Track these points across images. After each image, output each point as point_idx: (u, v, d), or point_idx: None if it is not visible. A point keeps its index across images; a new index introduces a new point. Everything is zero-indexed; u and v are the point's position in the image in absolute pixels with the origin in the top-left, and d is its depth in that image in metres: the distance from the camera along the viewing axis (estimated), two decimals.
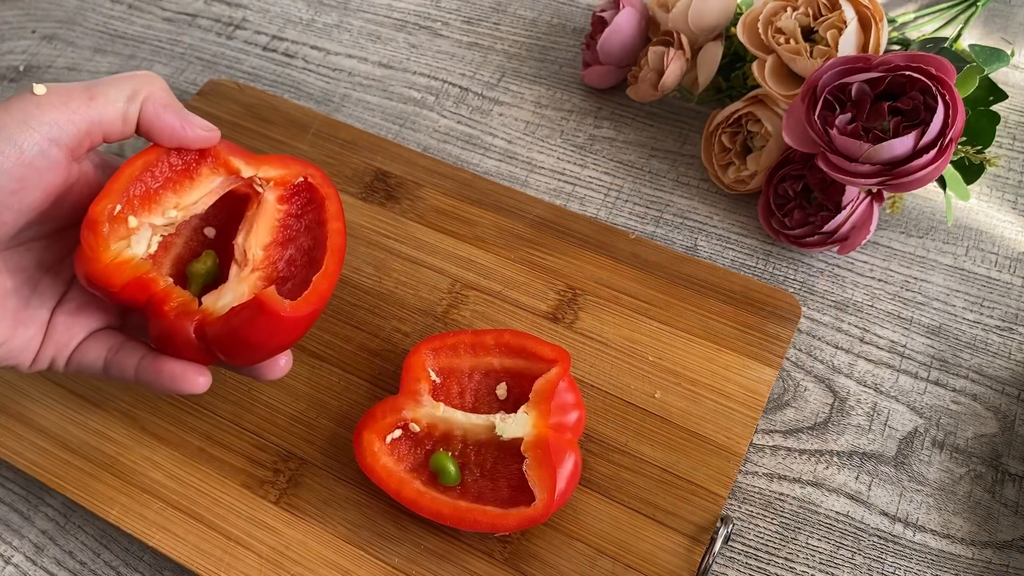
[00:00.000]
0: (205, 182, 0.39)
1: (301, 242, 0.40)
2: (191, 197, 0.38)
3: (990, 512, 0.43)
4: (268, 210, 0.40)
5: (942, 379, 0.47)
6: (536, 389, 0.42)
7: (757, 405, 0.45)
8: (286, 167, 0.40)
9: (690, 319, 0.48)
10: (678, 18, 0.52)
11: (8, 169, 0.33)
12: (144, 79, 0.36)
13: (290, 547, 0.42)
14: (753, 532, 0.44)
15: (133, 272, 0.36)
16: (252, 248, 0.38)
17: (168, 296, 0.37)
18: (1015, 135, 0.56)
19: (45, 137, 0.33)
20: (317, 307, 0.37)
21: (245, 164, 0.39)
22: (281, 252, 0.40)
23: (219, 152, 0.39)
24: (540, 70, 0.62)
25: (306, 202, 0.41)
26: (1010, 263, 0.51)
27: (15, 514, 0.47)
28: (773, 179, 0.50)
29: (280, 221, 0.40)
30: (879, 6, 0.47)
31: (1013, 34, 0.60)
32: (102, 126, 0.35)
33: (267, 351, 0.37)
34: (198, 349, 0.37)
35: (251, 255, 0.38)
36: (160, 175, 0.38)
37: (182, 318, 0.36)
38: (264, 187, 0.40)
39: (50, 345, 0.38)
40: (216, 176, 0.39)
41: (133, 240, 0.37)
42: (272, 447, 0.45)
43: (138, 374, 0.38)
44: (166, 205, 0.38)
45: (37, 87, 0.34)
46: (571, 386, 0.42)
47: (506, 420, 0.41)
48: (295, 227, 0.40)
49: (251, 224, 0.39)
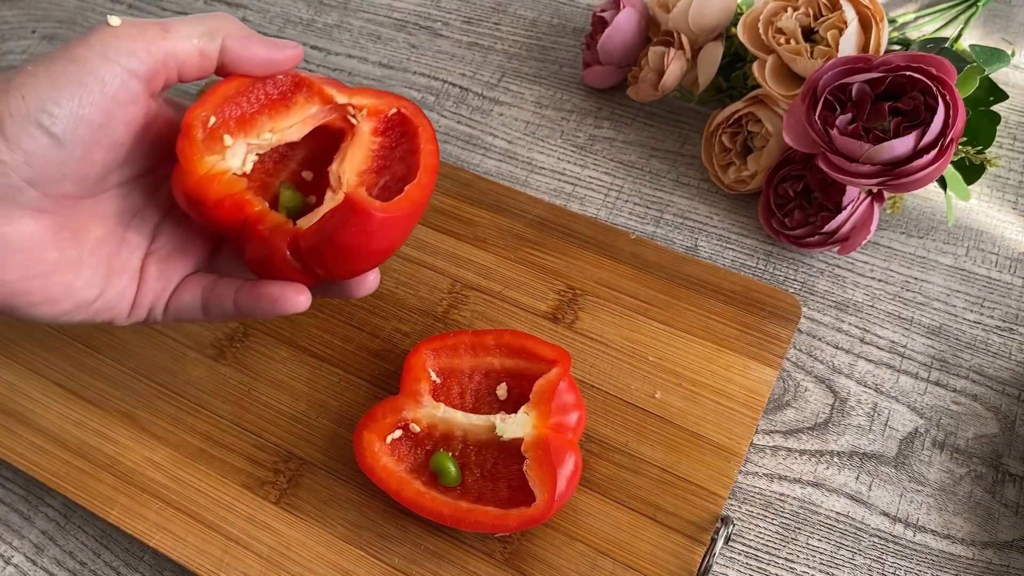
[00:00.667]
0: (300, 110, 0.39)
1: (395, 170, 0.39)
2: (286, 123, 0.38)
3: (990, 512, 0.43)
4: (363, 140, 0.39)
5: (942, 379, 0.47)
6: (536, 389, 0.42)
7: (757, 405, 0.45)
8: (379, 97, 0.40)
9: (690, 319, 0.48)
10: (678, 18, 0.52)
11: (95, 102, 0.32)
12: (220, 18, 0.36)
13: (290, 547, 0.42)
14: (753, 532, 0.44)
15: (227, 188, 0.36)
16: (347, 174, 0.38)
17: (263, 218, 0.36)
18: (1015, 135, 0.56)
19: (125, 69, 0.33)
20: (409, 212, 0.36)
21: (338, 92, 0.39)
22: (375, 179, 0.39)
23: (313, 82, 0.39)
24: (540, 70, 0.62)
25: (400, 135, 0.40)
26: (1010, 263, 0.51)
27: (15, 514, 0.47)
28: (773, 179, 0.50)
29: (374, 152, 0.40)
30: (879, 6, 0.47)
31: (1013, 34, 0.60)
32: (177, 59, 0.34)
33: (362, 258, 0.37)
34: (294, 267, 0.36)
35: (345, 180, 0.38)
36: (255, 100, 0.38)
37: (277, 236, 0.36)
38: (358, 117, 0.39)
39: (147, 293, 0.38)
40: (311, 104, 0.39)
41: (228, 154, 0.36)
42: (272, 447, 0.45)
43: (237, 304, 0.38)
44: (261, 128, 0.38)
45: (112, 18, 0.33)
46: (571, 386, 0.42)
47: (506, 420, 0.41)
48: (389, 157, 0.40)
49: (345, 153, 0.39)
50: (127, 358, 0.48)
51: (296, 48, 0.37)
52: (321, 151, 0.40)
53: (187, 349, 0.49)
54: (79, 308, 0.36)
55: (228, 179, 0.36)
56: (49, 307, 0.35)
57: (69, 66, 0.32)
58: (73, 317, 0.36)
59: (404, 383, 0.43)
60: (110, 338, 0.49)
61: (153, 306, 0.38)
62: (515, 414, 0.41)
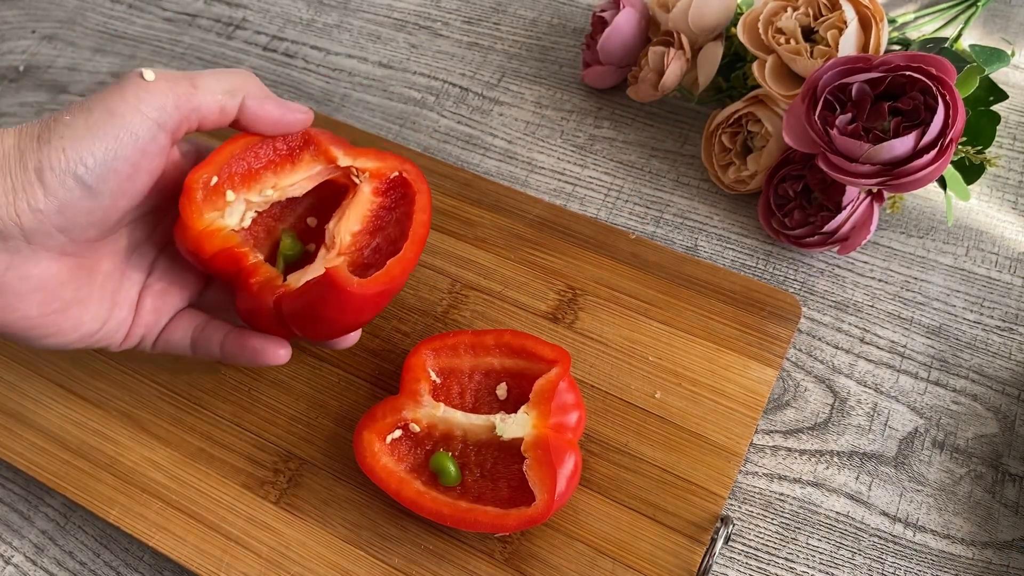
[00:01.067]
0: (305, 168, 0.41)
1: (389, 232, 0.41)
2: (289, 180, 0.40)
3: (990, 512, 0.43)
4: (362, 200, 0.41)
5: (942, 379, 0.47)
6: (536, 389, 0.42)
7: (757, 405, 0.45)
8: (383, 160, 0.42)
9: (690, 319, 0.48)
10: (678, 18, 0.52)
11: (128, 156, 0.34)
12: (243, 76, 0.38)
13: (290, 547, 0.42)
14: (753, 532, 0.44)
15: (223, 242, 0.38)
16: (341, 233, 0.40)
17: (256, 271, 0.39)
18: (1015, 135, 0.56)
19: (155, 123, 0.34)
20: (387, 288, 0.38)
21: (343, 154, 0.41)
22: (369, 240, 0.41)
23: (321, 141, 0.41)
24: (540, 70, 0.62)
25: (400, 196, 0.42)
26: (1010, 263, 0.51)
27: (15, 514, 0.47)
28: (773, 179, 0.50)
29: (372, 212, 0.41)
30: (879, 6, 0.47)
31: (1013, 34, 0.60)
32: (200, 113, 0.36)
33: (338, 327, 0.39)
34: (278, 322, 0.39)
35: (339, 239, 0.40)
36: (263, 156, 0.40)
37: (264, 292, 0.38)
38: (361, 178, 0.41)
39: (140, 326, 0.40)
40: (316, 164, 0.41)
41: (227, 212, 0.39)
42: (272, 447, 0.45)
43: (223, 350, 0.40)
44: (264, 184, 0.40)
45: (147, 72, 0.35)
46: (571, 386, 0.42)
47: (506, 420, 0.41)
48: (386, 218, 0.42)
49: (344, 211, 0.41)
50: (127, 358, 0.48)
51: (307, 114, 0.39)
52: (328, 199, 0.42)
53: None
54: (83, 339, 0.37)
55: (225, 234, 0.38)
56: (58, 338, 0.36)
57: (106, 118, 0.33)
58: (75, 345, 0.38)
59: (404, 383, 0.43)
60: None
61: (144, 337, 0.40)
62: (515, 414, 0.41)
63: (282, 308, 0.38)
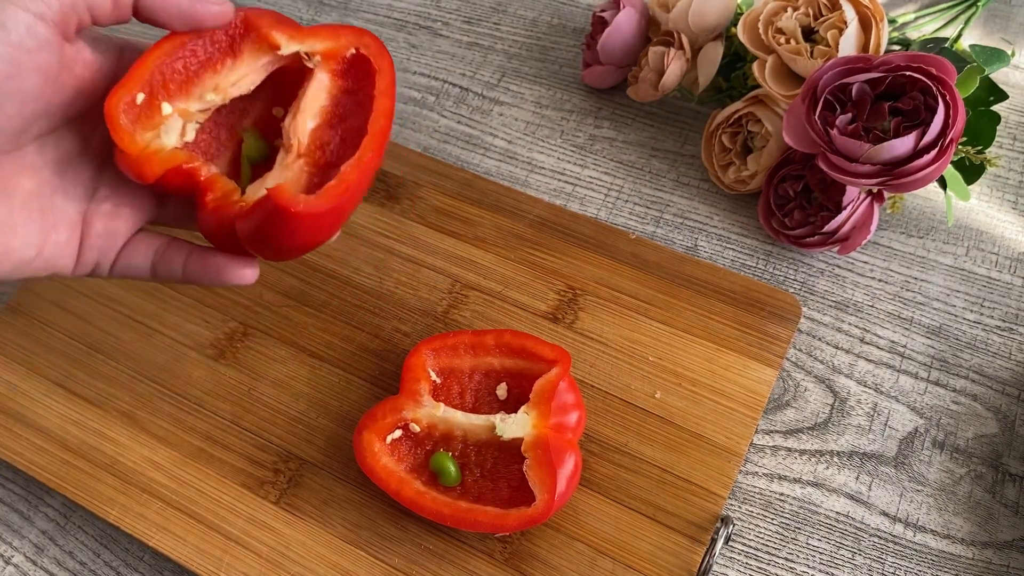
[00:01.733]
0: (248, 61, 0.36)
1: (353, 122, 0.36)
2: (231, 78, 0.36)
3: (990, 512, 0.43)
4: (319, 88, 0.36)
5: (942, 379, 0.47)
6: (536, 389, 0.42)
7: (757, 405, 0.45)
8: (336, 38, 0.36)
9: (690, 319, 0.48)
10: (678, 18, 0.52)
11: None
12: None
13: (290, 547, 0.42)
14: (753, 532, 0.44)
15: (165, 163, 0.34)
16: (298, 131, 0.36)
17: (211, 185, 0.35)
18: (1015, 135, 0.56)
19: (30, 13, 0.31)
20: (340, 202, 0.33)
21: (288, 39, 0.36)
22: (331, 134, 0.36)
23: (260, 26, 0.35)
24: (540, 70, 0.62)
25: (362, 75, 0.37)
26: (1010, 263, 0.51)
27: (15, 514, 0.47)
28: (773, 179, 0.50)
29: (332, 100, 0.36)
30: (879, 6, 0.47)
31: (1013, 34, 0.60)
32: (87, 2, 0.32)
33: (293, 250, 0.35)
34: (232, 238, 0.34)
35: (296, 138, 0.36)
36: (200, 55, 0.35)
37: (223, 209, 0.34)
38: (313, 62, 0.36)
39: (91, 249, 0.36)
40: (260, 54, 0.36)
41: (162, 130, 0.34)
42: (272, 447, 0.45)
43: (186, 271, 0.36)
44: (204, 88, 0.35)
45: None
46: (571, 386, 0.42)
47: (506, 420, 0.41)
48: (347, 105, 0.37)
49: (299, 104, 0.36)
50: (127, 358, 0.48)
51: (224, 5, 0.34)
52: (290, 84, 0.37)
53: (187, 349, 0.49)
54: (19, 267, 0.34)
55: (166, 154, 0.34)
56: None
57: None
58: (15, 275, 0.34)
59: (404, 383, 0.43)
60: (110, 338, 0.49)
61: (99, 263, 0.36)
62: (515, 414, 0.41)
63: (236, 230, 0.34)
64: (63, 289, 0.51)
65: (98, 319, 0.50)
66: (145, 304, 0.50)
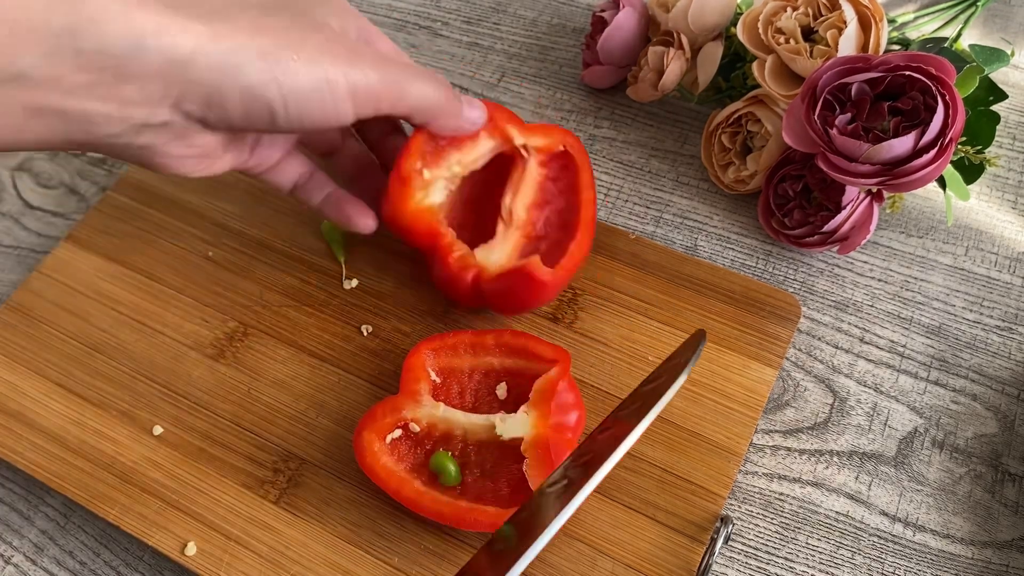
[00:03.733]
0: (482, 143, 0.44)
1: (556, 204, 0.46)
2: (471, 156, 0.44)
3: (990, 512, 0.44)
4: (531, 174, 0.45)
5: (942, 379, 0.47)
6: (536, 389, 0.42)
7: (757, 405, 0.45)
8: (550, 136, 0.46)
9: (690, 319, 0.48)
10: (678, 18, 0.52)
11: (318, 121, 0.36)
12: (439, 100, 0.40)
13: (290, 547, 0.42)
14: (753, 532, 0.44)
15: (430, 219, 0.43)
16: (517, 210, 0.45)
17: (452, 247, 0.44)
18: (1015, 135, 0.56)
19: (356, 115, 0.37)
20: (571, 272, 0.44)
21: (518, 132, 0.45)
22: (539, 213, 0.46)
23: (497, 119, 0.44)
24: (540, 70, 0.62)
25: (561, 167, 0.46)
26: (1010, 263, 0.51)
27: (15, 514, 0.47)
28: (773, 179, 0.50)
29: (539, 185, 0.46)
30: (879, 6, 0.47)
31: (1013, 34, 0.60)
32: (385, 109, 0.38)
33: (530, 306, 0.46)
34: (472, 293, 0.44)
35: (516, 216, 0.45)
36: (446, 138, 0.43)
37: (463, 269, 0.44)
38: (530, 152, 0.45)
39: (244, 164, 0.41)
40: (492, 139, 0.44)
41: (432, 191, 0.43)
42: (272, 447, 0.45)
43: (322, 204, 0.44)
44: (451, 161, 0.44)
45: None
46: (571, 386, 0.42)
47: (506, 420, 0.41)
48: (551, 190, 0.46)
49: (517, 187, 0.45)
50: (127, 358, 0.48)
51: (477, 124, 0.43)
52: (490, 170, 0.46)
53: (187, 349, 0.49)
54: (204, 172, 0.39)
55: (432, 212, 0.43)
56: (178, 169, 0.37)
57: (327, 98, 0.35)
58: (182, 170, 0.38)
59: (404, 383, 0.43)
60: (110, 338, 0.49)
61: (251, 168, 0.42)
62: (515, 414, 0.41)
63: (481, 286, 0.44)
64: (63, 289, 0.51)
65: (98, 319, 0.50)
66: (145, 304, 0.50)
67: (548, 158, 0.46)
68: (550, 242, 0.45)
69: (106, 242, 0.53)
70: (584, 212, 0.45)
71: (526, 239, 0.45)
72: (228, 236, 0.53)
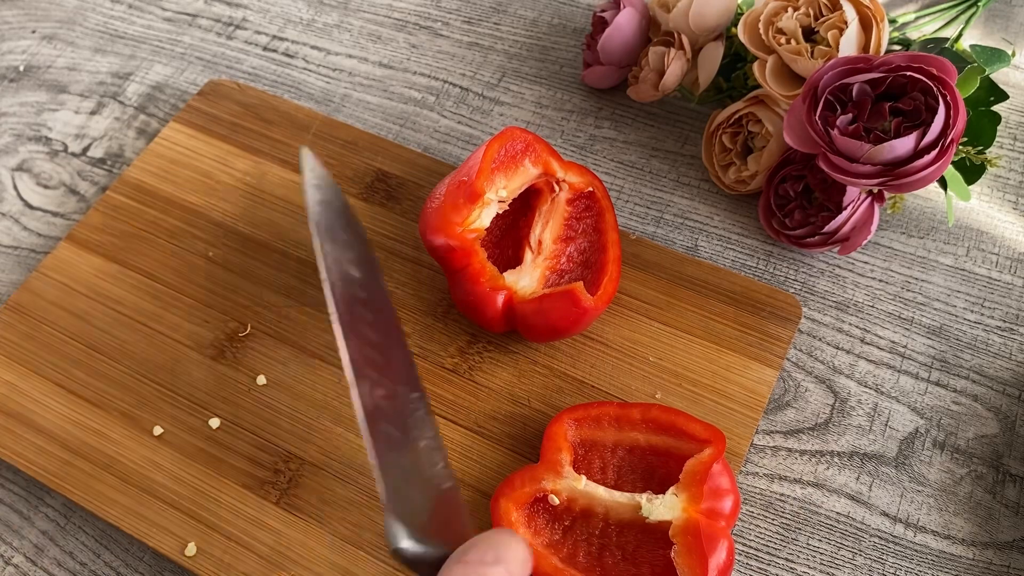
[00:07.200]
0: (527, 171, 0.46)
1: (579, 243, 0.47)
2: (516, 183, 0.46)
3: (991, 513, 0.43)
4: (559, 209, 0.47)
5: (943, 380, 0.47)
6: (688, 470, 0.39)
7: (758, 406, 0.45)
8: (582, 176, 0.48)
9: (691, 319, 0.48)
10: (679, 18, 0.52)
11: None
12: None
13: (290, 547, 0.42)
14: (754, 533, 0.44)
15: (473, 240, 0.44)
16: (546, 240, 0.47)
17: (484, 270, 0.44)
18: (1016, 135, 0.56)
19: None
20: (607, 304, 0.45)
21: (559, 166, 0.47)
22: (564, 248, 0.47)
23: (540, 152, 0.46)
24: (540, 70, 0.62)
25: (584, 208, 0.48)
26: (1011, 264, 0.51)
27: (15, 514, 0.47)
28: (774, 179, 0.50)
29: (566, 220, 0.47)
30: (880, 6, 0.47)
31: (1014, 34, 0.60)
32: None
33: (566, 332, 0.45)
34: (502, 316, 0.45)
35: (545, 246, 0.47)
36: (498, 160, 0.45)
37: (495, 291, 0.44)
38: (561, 187, 0.47)
39: None
40: (535, 168, 0.46)
41: (484, 213, 0.44)
42: (272, 447, 0.45)
43: None
44: (498, 185, 0.45)
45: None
46: (725, 469, 0.40)
47: (653, 501, 0.39)
48: (575, 228, 0.48)
49: (547, 219, 0.47)
50: (127, 358, 0.48)
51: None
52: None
53: (187, 349, 0.49)
54: None
55: (478, 233, 0.44)
56: None
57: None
58: None
59: (544, 452, 0.41)
60: (110, 338, 0.49)
61: None
62: (662, 495, 0.39)
63: (514, 309, 0.44)
64: (63, 289, 0.51)
65: (98, 319, 0.50)
66: (145, 304, 0.50)
67: (575, 196, 0.47)
68: (572, 278, 0.46)
69: (106, 242, 0.53)
70: (612, 251, 0.46)
71: (551, 271, 0.46)
72: (228, 236, 0.53)
